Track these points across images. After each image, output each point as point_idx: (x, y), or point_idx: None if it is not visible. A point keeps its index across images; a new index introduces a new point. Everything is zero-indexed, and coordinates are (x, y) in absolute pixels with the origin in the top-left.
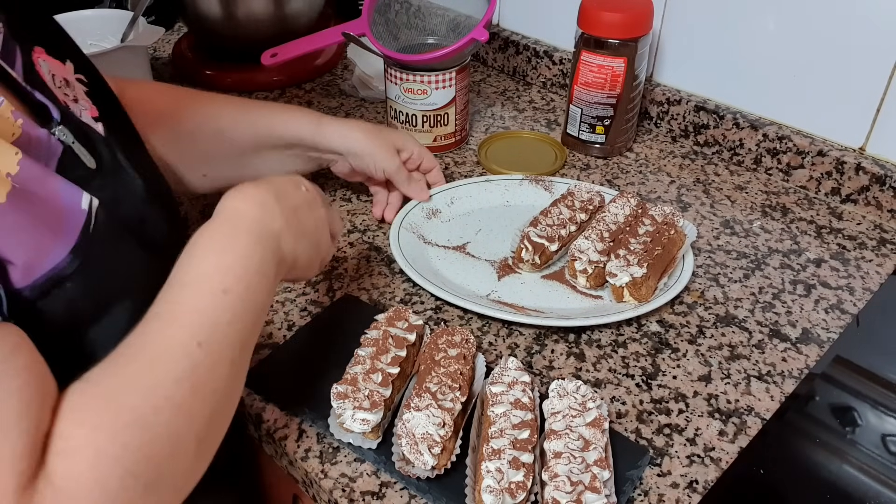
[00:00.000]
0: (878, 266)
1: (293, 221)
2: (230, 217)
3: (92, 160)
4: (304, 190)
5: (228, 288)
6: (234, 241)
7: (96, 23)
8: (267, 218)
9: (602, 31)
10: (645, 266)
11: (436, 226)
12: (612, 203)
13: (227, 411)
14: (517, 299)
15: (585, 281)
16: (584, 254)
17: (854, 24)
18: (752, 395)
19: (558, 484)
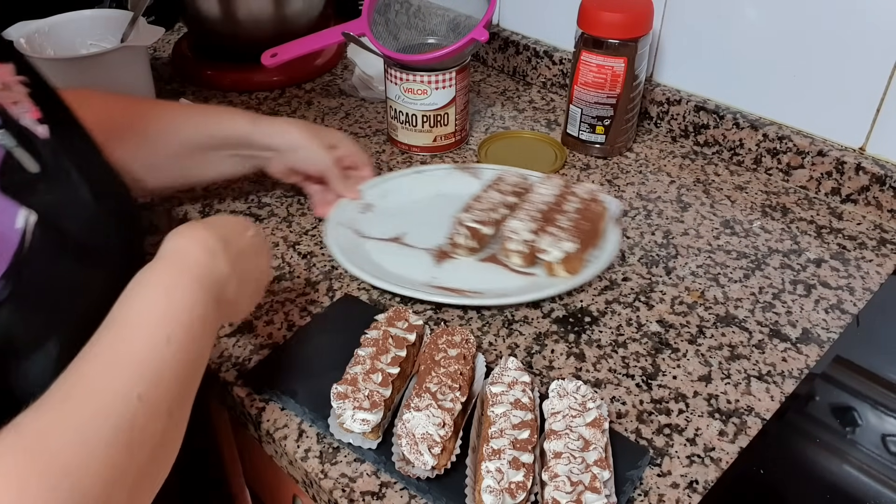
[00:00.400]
0: (879, 266)
1: (238, 268)
2: (178, 260)
3: (35, 164)
4: (250, 235)
5: (172, 337)
6: (180, 286)
7: (96, 23)
8: (214, 264)
9: (602, 31)
10: (576, 241)
11: (370, 220)
12: (540, 185)
13: (163, 461)
14: (457, 283)
15: (520, 260)
16: (516, 234)
17: (854, 24)
18: (752, 395)
19: (558, 484)
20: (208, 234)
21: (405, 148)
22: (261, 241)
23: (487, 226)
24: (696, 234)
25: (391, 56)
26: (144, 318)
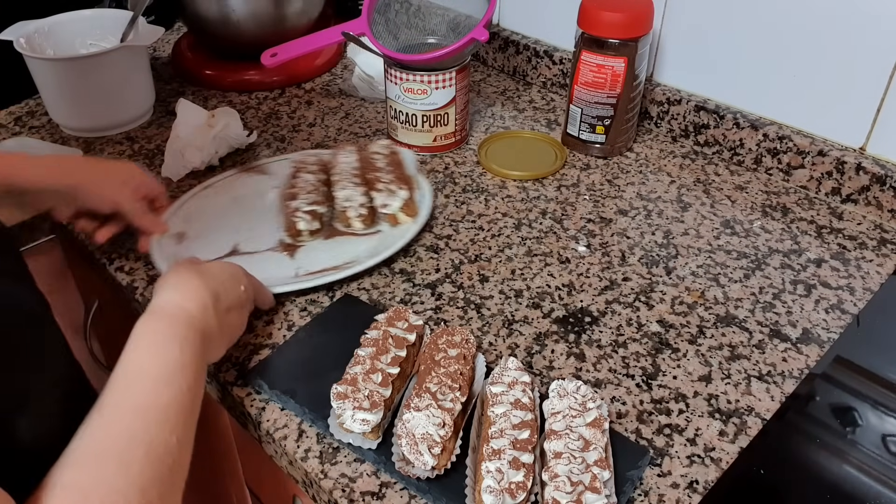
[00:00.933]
0: (879, 266)
1: (223, 322)
2: (179, 315)
3: None
4: (241, 290)
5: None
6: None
7: (96, 23)
8: (205, 319)
9: (602, 31)
10: (405, 187)
11: (194, 246)
12: (338, 156)
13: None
14: (322, 264)
15: (361, 224)
16: (350, 202)
17: (854, 24)
18: (752, 395)
19: (558, 484)
20: (202, 287)
21: (405, 148)
22: (248, 296)
23: (321, 205)
24: (696, 234)
25: (391, 56)
26: (166, 369)
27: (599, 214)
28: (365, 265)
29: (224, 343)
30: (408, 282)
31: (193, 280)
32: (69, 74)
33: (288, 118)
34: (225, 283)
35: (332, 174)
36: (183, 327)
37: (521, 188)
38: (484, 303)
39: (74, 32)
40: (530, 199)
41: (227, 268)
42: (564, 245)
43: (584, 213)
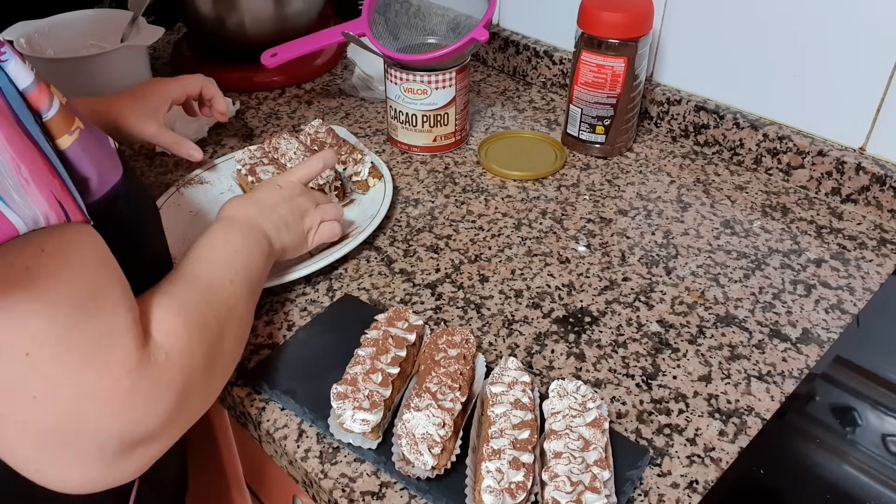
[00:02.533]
0: (879, 266)
1: (271, 216)
2: (227, 221)
3: None
4: (278, 188)
5: (238, 250)
6: (233, 230)
7: (96, 23)
8: (251, 216)
9: (602, 31)
10: (361, 153)
11: None
12: (282, 143)
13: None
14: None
15: (336, 198)
16: (324, 178)
17: (854, 24)
18: (752, 395)
19: (558, 484)
20: (244, 200)
21: (405, 148)
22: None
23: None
24: (696, 234)
25: (391, 56)
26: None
27: (599, 214)
28: (372, 226)
29: (284, 229)
30: (408, 282)
31: (240, 198)
32: (69, 75)
33: (288, 118)
34: (262, 189)
35: (285, 161)
36: (228, 225)
37: (521, 188)
38: (484, 303)
39: (74, 32)
40: (530, 199)
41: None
42: (564, 245)
43: (584, 213)
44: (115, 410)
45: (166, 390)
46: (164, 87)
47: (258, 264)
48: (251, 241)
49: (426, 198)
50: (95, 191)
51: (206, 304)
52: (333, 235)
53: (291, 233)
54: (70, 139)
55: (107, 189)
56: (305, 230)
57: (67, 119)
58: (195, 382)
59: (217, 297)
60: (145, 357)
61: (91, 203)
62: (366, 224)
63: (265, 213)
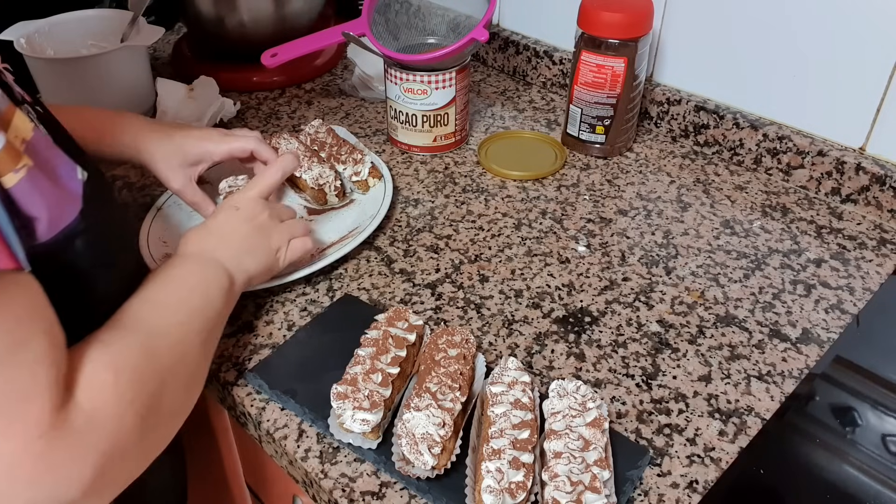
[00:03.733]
0: (878, 266)
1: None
2: (181, 257)
3: None
4: (235, 210)
5: (193, 288)
6: (187, 266)
7: (96, 23)
8: (208, 249)
9: (602, 31)
10: (361, 153)
11: None
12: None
13: (197, 383)
14: (328, 240)
15: (336, 198)
16: (324, 178)
17: (854, 24)
18: (752, 395)
19: (558, 484)
20: (200, 233)
21: (405, 148)
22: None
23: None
24: (696, 234)
25: (391, 56)
26: (172, 284)
27: (599, 214)
28: (372, 226)
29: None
30: (408, 282)
31: (195, 231)
32: (69, 74)
33: (288, 118)
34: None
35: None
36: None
37: (521, 188)
38: (484, 303)
39: (74, 32)
40: (530, 199)
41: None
42: (564, 245)
43: (584, 213)
44: (26, 478)
45: (85, 457)
46: (209, 147)
47: (216, 303)
48: (207, 277)
49: (426, 198)
50: (44, 232)
51: (147, 356)
52: (307, 251)
53: (257, 257)
54: (16, 177)
55: (59, 229)
56: (273, 250)
57: (13, 156)
58: (125, 446)
59: (162, 345)
60: (62, 420)
61: (38, 245)
62: (366, 224)
63: (224, 243)
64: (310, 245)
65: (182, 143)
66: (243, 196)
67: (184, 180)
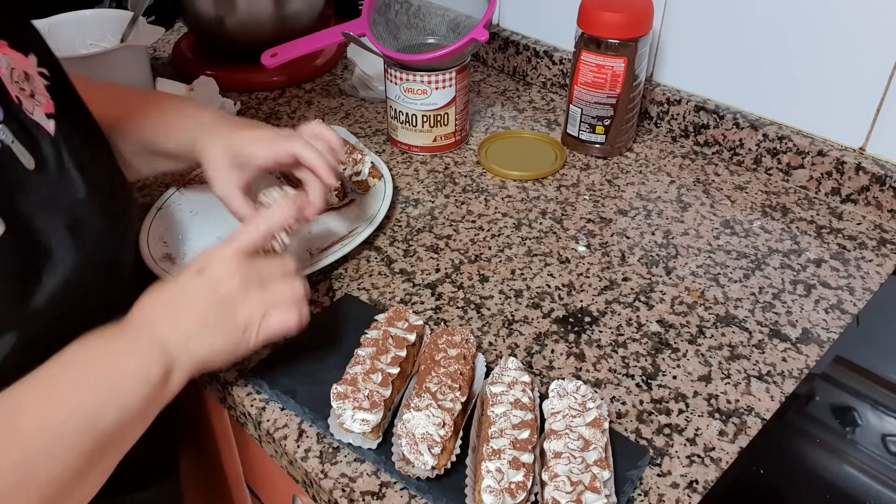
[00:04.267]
0: (878, 266)
1: (181, 318)
2: (121, 325)
3: (31, 160)
4: (198, 275)
5: (106, 375)
6: (113, 343)
7: (96, 23)
8: (152, 322)
9: (602, 31)
10: (361, 153)
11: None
12: None
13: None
14: (328, 239)
15: (336, 198)
16: None
17: (854, 24)
18: (752, 395)
19: (558, 484)
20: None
21: (405, 148)
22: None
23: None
24: (696, 234)
25: (391, 56)
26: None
27: (599, 214)
28: (373, 226)
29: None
30: (408, 282)
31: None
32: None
33: (288, 118)
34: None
35: None
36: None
37: (521, 188)
38: (484, 303)
39: (74, 32)
40: (530, 199)
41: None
42: (564, 245)
43: (584, 213)
44: None
45: None
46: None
47: (131, 398)
48: (129, 364)
49: (426, 198)
50: None
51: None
52: (288, 326)
53: (213, 337)
54: None
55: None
56: (240, 328)
57: None
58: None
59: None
60: None
61: None
62: (366, 224)
63: (173, 317)
64: (292, 317)
65: (233, 142)
66: (216, 254)
67: (228, 187)
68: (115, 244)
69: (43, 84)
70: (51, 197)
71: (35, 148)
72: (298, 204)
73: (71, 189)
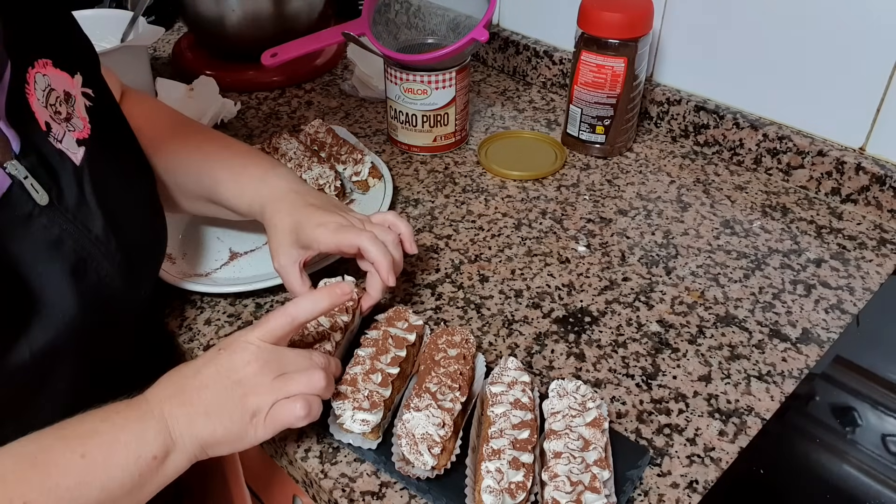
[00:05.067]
0: (878, 266)
1: (190, 399)
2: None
3: (45, 196)
4: (217, 353)
5: (87, 453)
6: (115, 419)
7: (96, 23)
8: (162, 398)
9: (602, 31)
10: (361, 153)
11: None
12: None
13: None
14: None
15: (336, 198)
16: (324, 178)
17: (854, 24)
18: (752, 395)
19: (558, 484)
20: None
21: (405, 148)
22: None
23: None
24: (696, 234)
25: (391, 56)
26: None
27: (599, 214)
28: None
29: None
30: (408, 282)
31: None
32: None
33: (288, 118)
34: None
35: (285, 161)
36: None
37: (521, 188)
38: (484, 303)
39: None
40: (530, 199)
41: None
42: (564, 245)
43: (584, 213)
44: None
45: None
46: (318, 236)
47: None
48: (129, 439)
49: (426, 198)
50: None
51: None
52: (296, 416)
53: (219, 422)
54: None
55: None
56: (248, 415)
57: None
58: None
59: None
60: None
61: None
62: None
63: (183, 395)
64: (302, 412)
65: (303, 220)
66: (240, 337)
67: (288, 262)
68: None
69: (84, 105)
70: (59, 236)
71: (53, 180)
72: (347, 292)
73: (87, 223)
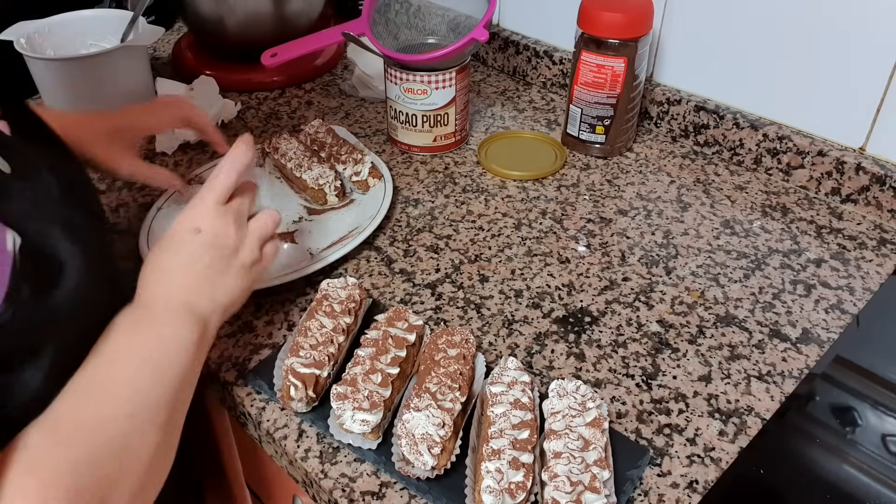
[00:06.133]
0: (878, 266)
1: (198, 279)
2: (139, 310)
3: (6, 164)
4: (196, 233)
5: (147, 359)
6: (143, 326)
7: (96, 23)
8: (172, 295)
9: (602, 31)
10: (361, 153)
11: None
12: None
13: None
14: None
15: (336, 198)
16: (324, 178)
17: (854, 24)
18: (752, 395)
19: (558, 484)
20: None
21: (405, 148)
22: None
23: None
24: (696, 234)
25: (391, 56)
26: (121, 347)
27: (599, 214)
28: (372, 226)
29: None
30: (408, 282)
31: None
32: (69, 74)
33: (288, 118)
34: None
35: (285, 161)
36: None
37: (521, 188)
38: (484, 303)
39: (74, 32)
40: (530, 199)
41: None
42: (564, 245)
43: (584, 213)
44: None
45: None
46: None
47: (177, 368)
48: (165, 338)
49: (426, 198)
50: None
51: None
52: (278, 248)
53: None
54: None
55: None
56: (248, 266)
57: None
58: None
59: (105, 452)
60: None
61: None
62: (366, 224)
63: (190, 280)
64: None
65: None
66: (205, 212)
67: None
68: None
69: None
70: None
71: (4, 150)
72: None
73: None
